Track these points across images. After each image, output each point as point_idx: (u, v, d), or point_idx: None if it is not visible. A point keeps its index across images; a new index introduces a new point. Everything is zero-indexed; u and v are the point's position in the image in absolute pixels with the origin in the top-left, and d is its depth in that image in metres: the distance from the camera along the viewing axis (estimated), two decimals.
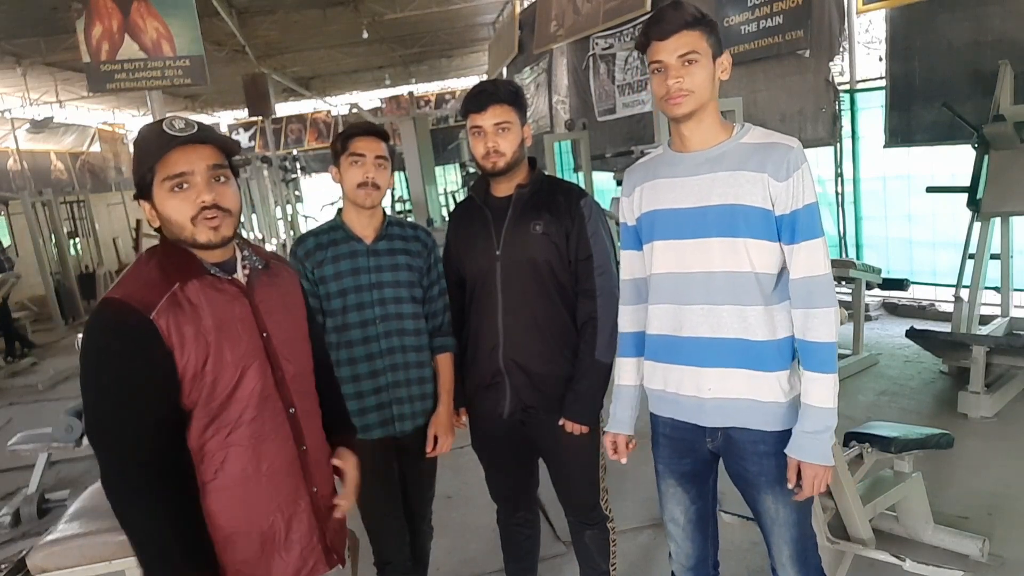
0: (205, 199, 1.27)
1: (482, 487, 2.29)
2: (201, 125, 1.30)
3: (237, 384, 1.30)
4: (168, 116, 1.32)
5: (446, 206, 12.92)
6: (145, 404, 1.23)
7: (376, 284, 2.00)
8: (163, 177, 1.27)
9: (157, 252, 1.34)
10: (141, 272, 1.30)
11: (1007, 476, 3.13)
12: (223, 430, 1.30)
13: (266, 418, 1.35)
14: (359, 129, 1.98)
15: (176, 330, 1.24)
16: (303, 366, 1.47)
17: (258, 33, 11.63)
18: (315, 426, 1.49)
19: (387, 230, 2.06)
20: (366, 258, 2.01)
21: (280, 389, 1.38)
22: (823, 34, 5.92)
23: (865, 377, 4.61)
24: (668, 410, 1.73)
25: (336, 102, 20.66)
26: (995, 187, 4.28)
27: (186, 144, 1.26)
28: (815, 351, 1.55)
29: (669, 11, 1.52)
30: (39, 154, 16.11)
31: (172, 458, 1.26)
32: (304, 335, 1.51)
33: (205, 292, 1.30)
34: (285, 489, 1.38)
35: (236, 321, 1.32)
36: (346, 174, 1.96)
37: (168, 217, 1.29)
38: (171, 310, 1.24)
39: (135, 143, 1.32)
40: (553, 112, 11.58)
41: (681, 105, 1.53)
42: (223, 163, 1.32)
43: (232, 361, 1.29)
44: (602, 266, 1.94)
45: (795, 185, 1.51)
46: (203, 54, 6.48)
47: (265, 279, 1.43)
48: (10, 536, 3.62)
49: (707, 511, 1.83)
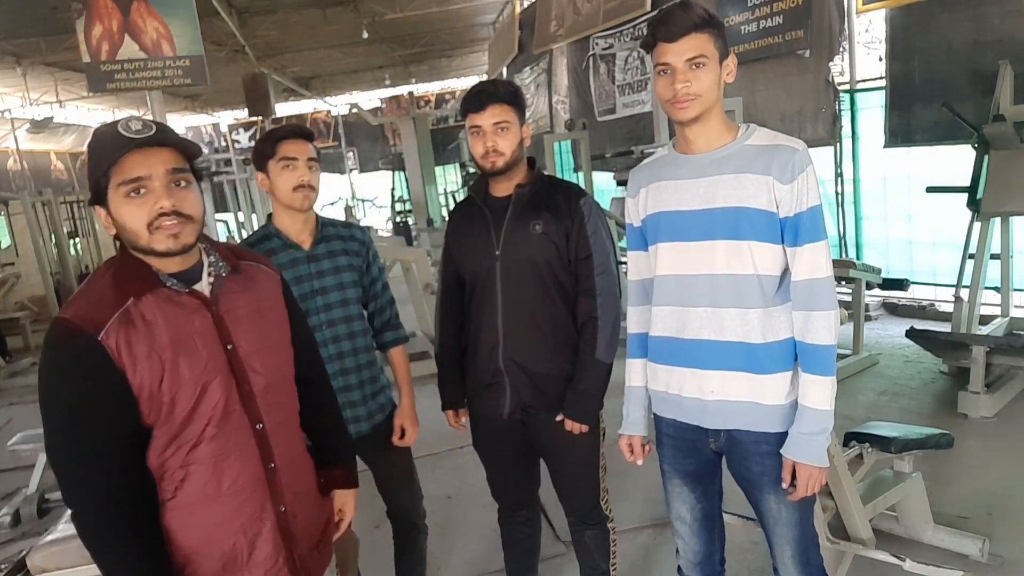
0: (164, 205, 1.20)
1: (482, 487, 2.29)
2: (160, 126, 1.23)
3: (197, 401, 1.24)
4: (125, 117, 1.24)
5: (446, 206, 12.93)
6: (101, 427, 1.18)
7: (320, 290, 1.96)
8: (119, 182, 1.19)
9: (113, 263, 1.27)
10: (95, 287, 1.23)
11: (1007, 476, 3.13)
12: (183, 447, 1.25)
13: (229, 435, 1.28)
14: (287, 131, 1.92)
15: (127, 349, 1.17)
16: (277, 377, 1.39)
17: (258, 33, 11.63)
18: (288, 440, 1.41)
19: (323, 232, 2.01)
20: (307, 265, 1.96)
21: (246, 404, 1.31)
22: (823, 34, 5.92)
23: (865, 377, 4.61)
24: (671, 411, 1.73)
25: (336, 102, 20.67)
26: (995, 187, 4.28)
27: (144, 147, 1.18)
28: (814, 353, 1.55)
29: (678, 12, 1.49)
30: (39, 154, 16.13)
31: (134, 480, 1.21)
32: (283, 342, 1.42)
33: (160, 306, 1.23)
34: (248, 508, 1.32)
35: (195, 335, 1.25)
36: (278, 179, 1.90)
37: (123, 224, 1.21)
38: (122, 328, 1.18)
39: (89, 145, 1.24)
40: (553, 112, 11.59)
41: (688, 109, 1.52)
42: (184, 167, 1.25)
43: (191, 378, 1.23)
44: (602, 265, 1.93)
45: (800, 187, 1.51)
46: (203, 54, 6.49)
47: (234, 286, 1.34)
48: (10, 536, 3.62)
49: (713, 509, 1.83)
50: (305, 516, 1.44)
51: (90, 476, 1.18)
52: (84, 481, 1.19)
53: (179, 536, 1.27)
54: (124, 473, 1.20)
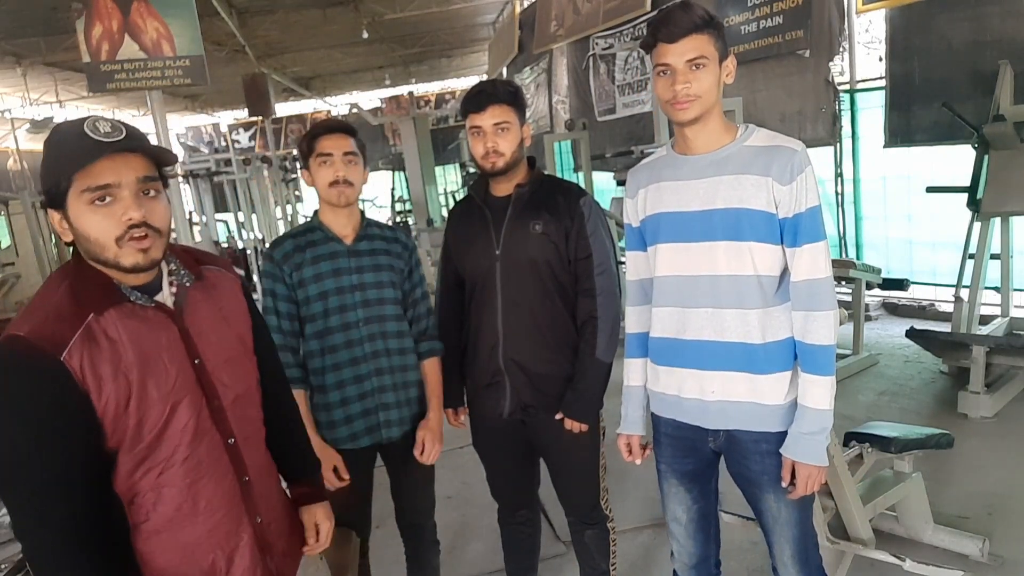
0: (133, 216, 1.11)
1: (482, 487, 2.29)
2: (130, 130, 1.13)
3: (167, 422, 1.16)
4: (90, 117, 1.13)
5: (446, 206, 12.91)
6: (62, 454, 1.07)
7: (359, 285, 1.93)
8: (83, 188, 1.09)
9: (69, 273, 1.16)
10: (51, 300, 1.13)
11: (1007, 476, 3.13)
12: (153, 471, 1.17)
13: (202, 454, 1.22)
14: (324, 128, 1.92)
15: (91, 370, 1.08)
16: (244, 387, 1.33)
17: (258, 33, 11.63)
18: (259, 451, 1.37)
19: (366, 230, 2.00)
20: (347, 259, 1.94)
21: (217, 420, 1.25)
22: (823, 34, 5.92)
23: (865, 377, 4.61)
24: (670, 411, 1.73)
25: (336, 102, 20.66)
26: (995, 187, 4.28)
27: (115, 152, 1.10)
28: (814, 353, 1.55)
29: (678, 12, 1.49)
30: (39, 154, 16.06)
31: (98, 508, 1.12)
32: (247, 350, 1.36)
33: (124, 322, 1.14)
34: (226, 524, 1.27)
35: (162, 352, 1.17)
36: (316, 175, 1.90)
37: (86, 234, 1.12)
38: (85, 347, 1.09)
39: (47, 143, 1.14)
40: (553, 112, 11.58)
41: (688, 110, 1.52)
42: (154, 175, 1.16)
43: (159, 398, 1.15)
44: (602, 265, 1.93)
45: (799, 188, 1.51)
46: (203, 54, 6.48)
47: (197, 295, 1.27)
48: (10, 536, 3.61)
49: (709, 510, 1.83)
50: (278, 523, 1.41)
51: (50, 506, 1.08)
52: (41, 512, 1.08)
53: (154, 559, 1.21)
54: (87, 502, 1.11)
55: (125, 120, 1.19)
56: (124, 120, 1.19)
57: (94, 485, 1.13)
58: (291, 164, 11.53)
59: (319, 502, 1.54)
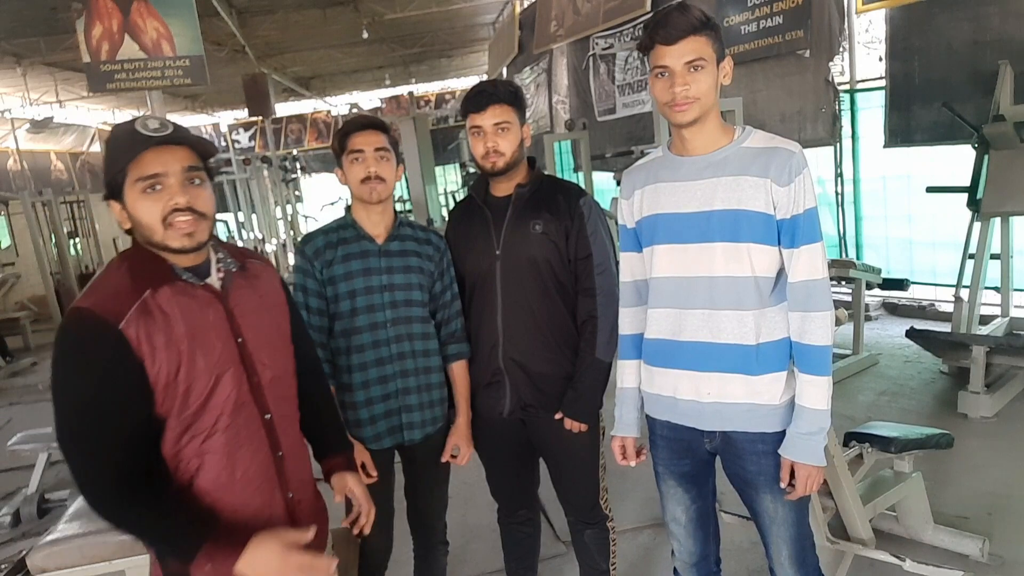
0: (179, 201, 1.24)
1: (482, 487, 2.29)
2: (176, 126, 1.27)
3: (211, 392, 1.28)
4: (142, 116, 1.28)
5: (446, 206, 12.92)
6: (116, 415, 1.20)
7: (388, 286, 1.92)
8: (136, 178, 1.23)
9: (128, 256, 1.31)
10: (111, 278, 1.26)
11: (1007, 476, 3.14)
12: (197, 438, 1.28)
13: (241, 425, 1.32)
14: (355, 125, 1.91)
15: (147, 339, 1.21)
16: (282, 370, 1.43)
17: (258, 33, 11.62)
18: (293, 431, 1.46)
19: (399, 230, 1.98)
20: (378, 258, 1.93)
21: (256, 395, 1.35)
22: (823, 34, 5.92)
23: (865, 377, 4.60)
24: (665, 413, 1.73)
25: (336, 102, 20.66)
26: (995, 187, 4.28)
27: (160, 145, 1.23)
28: (811, 354, 1.55)
29: (676, 14, 1.48)
30: (39, 154, 16.11)
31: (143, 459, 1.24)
32: (285, 337, 1.46)
33: (177, 299, 1.26)
34: (260, 496, 1.36)
35: (209, 327, 1.29)
36: (349, 172, 1.90)
37: (139, 219, 1.26)
38: (141, 319, 1.21)
39: (106, 142, 1.29)
40: (553, 112, 11.58)
41: (686, 112, 1.52)
42: (198, 165, 1.29)
43: (205, 368, 1.26)
44: (602, 265, 1.94)
45: (797, 190, 1.51)
46: (203, 54, 6.49)
47: (241, 282, 1.39)
48: (10, 536, 3.62)
49: (708, 509, 1.83)
50: (308, 503, 1.48)
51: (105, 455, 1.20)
52: (98, 460, 1.20)
53: None
54: (137, 459, 1.23)
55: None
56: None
57: (143, 445, 1.24)
58: (291, 164, 11.54)
59: (350, 471, 1.61)
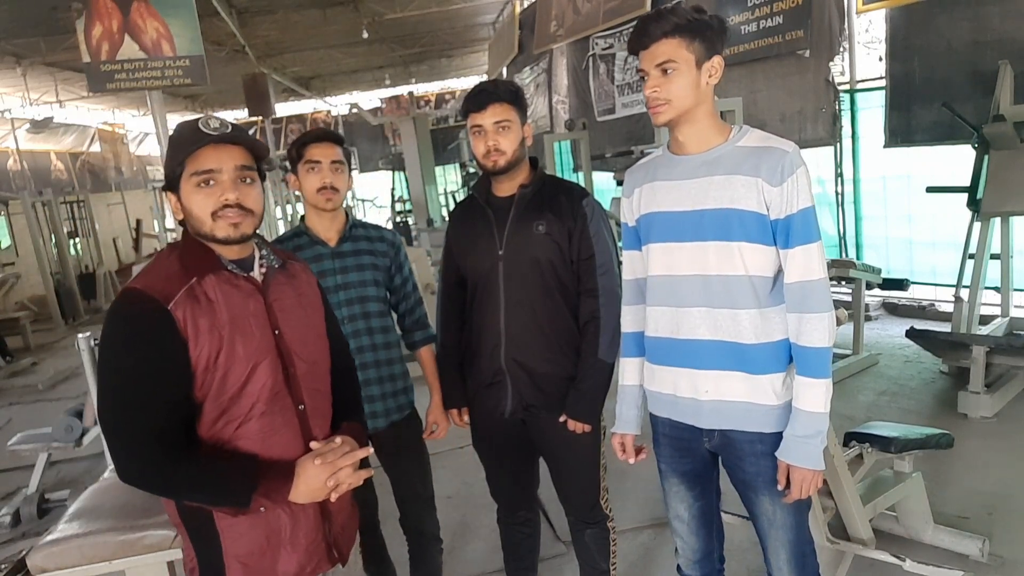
0: (229, 197, 1.32)
1: (482, 487, 2.29)
2: (235, 126, 1.35)
3: (248, 379, 1.33)
4: (204, 115, 1.38)
5: (446, 206, 12.93)
6: (161, 387, 1.26)
7: (342, 285, 2.04)
8: (192, 172, 1.32)
9: (179, 246, 1.39)
10: (162, 264, 1.35)
11: (1007, 476, 3.14)
12: (233, 423, 1.33)
13: (276, 413, 1.37)
14: (313, 136, 2.02)
15: (192, 322, 1.28)
16: (316, 364, 1.49)
17: (258, 33, 11.63)
18: (325, 424, 1.50)
19: (351, 232, 2.10)
20: (331, 260, 2.05)
21: (290, 386, 1.40)
22: (823, 34, 5.92)
23: (865, 377, 4.61)
24: (666, 411, 1.74)
25: (336, 102, 20.68)
26: (995, 187, 4.29)
27: (218, 143, 1.31)
28: (809, 356, 1.54)
29: (648, 20, 1.54)
30: (39, 154, 16.12)
31: (180, 432, 1.29)
32: (320, 333, 1.53)
33: (221, 287, 1.34)
34: None
35: (250, 317, 1.35)
36: (304, 180, 2.01)
37: (191, 211, 1.34)
38: (188, 302, 1.28)
39: (170, 138, 1.38)
40: (553, 112, 11.59)
41: (660, 114, 1.56)
42: (251, 165, 1.37)
43: (244, 356, 1.32)
44: (604, 265, 1.94)
45: (790, 190, 1.50)
46: (203, 54, 6.49)
47: (281, 278, 1.46)
48: (10, 536, 3.61)
49: (711, 507, 1.83)
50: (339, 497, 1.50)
51: (151, 421, 1.25)
52: (143, 426, 1.25)
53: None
54: (178, 430, 1.29)
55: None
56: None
57: (181, 422, 1.29)
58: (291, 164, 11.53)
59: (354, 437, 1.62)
